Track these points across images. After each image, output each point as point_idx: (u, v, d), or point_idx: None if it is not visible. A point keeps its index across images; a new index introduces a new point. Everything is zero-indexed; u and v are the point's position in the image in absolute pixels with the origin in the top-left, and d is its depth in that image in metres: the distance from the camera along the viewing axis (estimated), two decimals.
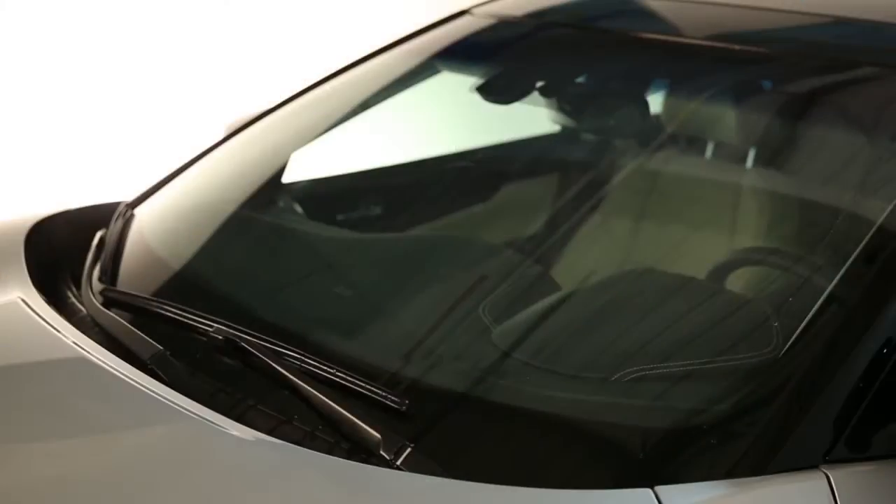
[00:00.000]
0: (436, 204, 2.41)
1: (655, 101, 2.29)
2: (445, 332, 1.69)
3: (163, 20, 4.34)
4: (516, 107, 2.41)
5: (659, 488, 1.32)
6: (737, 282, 1.86)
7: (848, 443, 1.42)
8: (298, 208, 2.26)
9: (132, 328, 1.68)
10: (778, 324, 1.55)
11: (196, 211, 2.14)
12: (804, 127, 2.04)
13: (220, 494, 1.35)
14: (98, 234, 2.04)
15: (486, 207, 2.42)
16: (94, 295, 1.82)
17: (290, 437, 1.44)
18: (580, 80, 2.46)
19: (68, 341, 1.66)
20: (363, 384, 1.48)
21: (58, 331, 1.69)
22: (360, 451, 1.40)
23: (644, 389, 1.51)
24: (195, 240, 2.04)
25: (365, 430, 1.40)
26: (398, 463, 1.37)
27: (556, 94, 2.43)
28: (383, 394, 1.46)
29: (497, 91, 2.36)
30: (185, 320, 1.68)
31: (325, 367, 1.51)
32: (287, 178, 2.26)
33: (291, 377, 1.50)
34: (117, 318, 1.73)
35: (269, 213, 2.18)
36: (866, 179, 1.84)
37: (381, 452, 1.38)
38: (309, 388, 1.47)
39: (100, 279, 1.87)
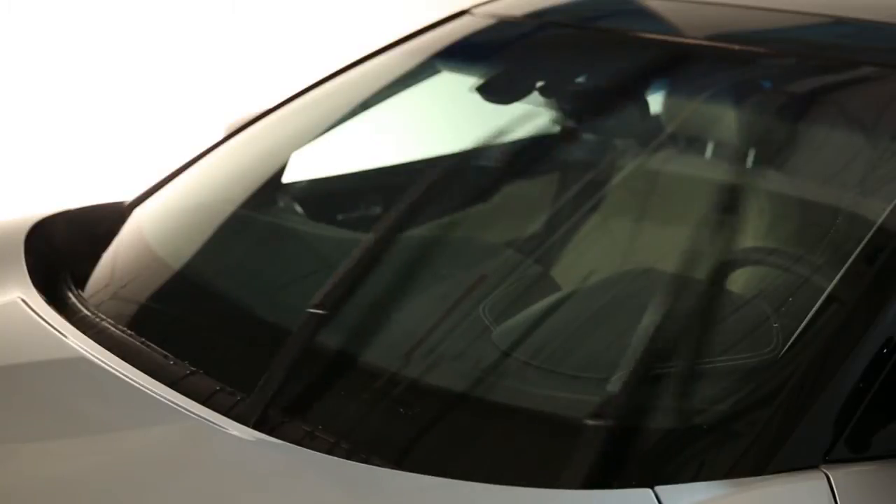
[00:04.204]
0: (436, 204, 2.41)
1: (655, 101, 2.29)
2: (445, 332, 1.69)
3: (163, 20, 4.34)
4: (516, 107, 2.41)
5: (659, 488, 1.32)
6: (737, 282, 1.86)
7: (848, 443, 1.42)
8: (298, 208, 2.26)
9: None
10: (778, 324, 1.55)
11: (196, 211, 2.14)
12: (804, 127, 2.04)
13: (220, 494, 1.35)
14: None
15: (486, 207, 2.42)
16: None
17: (290, 437, 1.44)
18: (580, 80, 2.46)
19: (68, 341, 1.66)
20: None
21: (58, 331, 1.69)
22: (360, 450, 1.40)
23: (644, 389, 1.51)
24: (195, 240, 2.04)
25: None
26: (398, 463, 1.37)
27: (556, 94, 2.43)
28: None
29: (497, 91, 2.36)
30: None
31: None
32: (287, 178, 2.26)
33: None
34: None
35: (269, 213, 2.18)
36: (866, 179, 1.84)
37: (381, 452, 1.38)
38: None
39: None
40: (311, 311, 1.80)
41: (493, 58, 2.40)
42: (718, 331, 1.62)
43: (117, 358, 1.61)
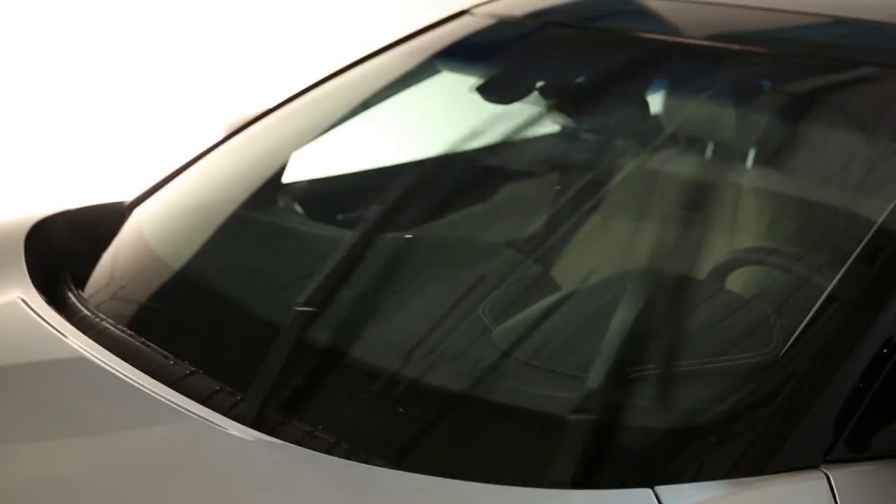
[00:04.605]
0: (436, 204, 2.41)
1: (655, 101, 2.29)
2: (445, 332, 1.69)
3: (163, 20, 4.34)
4: (516, 107, 2.41)
5: (659, 488, 1.32)
6: (737, 282, 1.86)
7: (848, 443, 1.42)
8: (298, 208, 2.26)
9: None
10: (778, 324, 1.55)
11: (196, 211, 2.14)
12: (804, 127, 2.04)
13: (220, 494, 1.35)
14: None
15: (486, 207, 2.42)
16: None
17: (290, 437, 1.44)
18: (580, 80, 2.46)
19: (68, 341, 1.66)
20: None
21: (58, 331, 1.69)
22: (360, 450, 1.40)
23: (644, 389, 1.51)
24: (195, 240, 2.04)
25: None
26: (398, 463, 1.37)
27: (556, 94, 2.43)
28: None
29: (497, 91, 2.36)
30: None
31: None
32: (287, 178, 2.26)
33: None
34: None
35: (269, 213, 2.18)
36: (866, 179, 1.84)
37: (381, 452, 1.38)
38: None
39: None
40: (303, 309, 1.80)
41: (493, 58, 2.40)
42: (718, 331, 1.62)
43: (117, 358, 1.61)
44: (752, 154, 2.23)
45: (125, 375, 1.56)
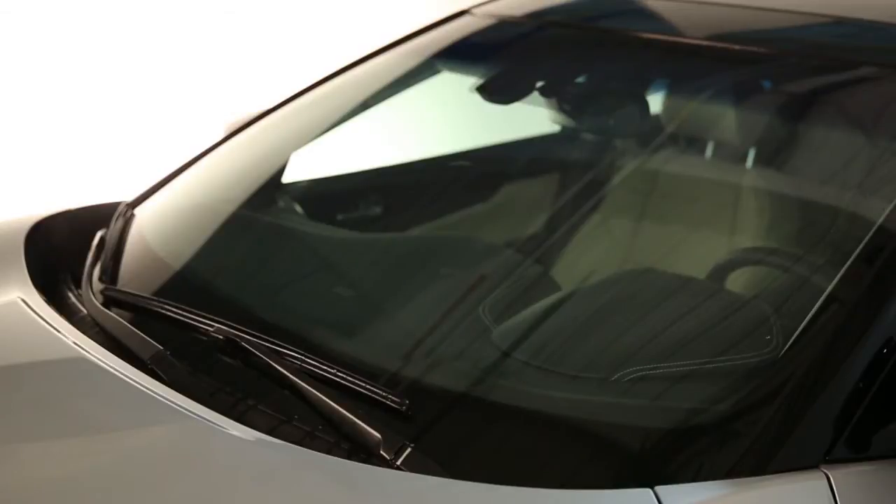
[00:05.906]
0: (436, 204, 2.42)
1: (655, 101, 2.29)
2: (445, 332, 1.69)
3: (163, 20, 4.34)
4: (516, 107, 2.41)
5: (659, 488, 1.32)
6: (737, 282, 1.86)
7: (848, 443, 1.42)
8: (298, 208, 2.26)
9: (132, 328, 1.68)
10: (778, 324, 1.55)
11: (196, 211, 2.14)
12: (804, 127, 2.04)
13: (220, 494, 1.35)
14: (98, 234, 2.04)
15: (486, 207, 2.42)
16: (94, 295, 1.82)
17: (290, 437, 1.44)
18: (580, 80, 2.46)
19: (68, 341, 1.66)
20: (363, 384, 1.48)
21: (58, 331, 1.69)
22: (360, 451, 1.40)
23: (644, 389, 1.51)
24: (195, 240, 2.04)
25: (365, 430, 1.40)
26: (398, 463, 1.37)
27: (556, 94, 2.43)
28: (383, 394, 1.46)
29: (497, 91, 2.36)
30: (186, 320, 1.68)
31: (326, 367, 1.51)
32: (287, 178, 2.26)
33: (292, 377, 1.50)
34: (117, 317, 1.73)
35: (269, 213, 2.19)
36: (866, 179, 1.84)
37: (381, 452, 1.38)
38: (309, 388, 1.47)
39: (100, 279, 1.87)
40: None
41: (493, 58, 2.40)
42: (718, 331, 1.62)
43: (117, 358, 1.61)
44: (752, 154, 2.23)
45: (125, 375, 1.56)
